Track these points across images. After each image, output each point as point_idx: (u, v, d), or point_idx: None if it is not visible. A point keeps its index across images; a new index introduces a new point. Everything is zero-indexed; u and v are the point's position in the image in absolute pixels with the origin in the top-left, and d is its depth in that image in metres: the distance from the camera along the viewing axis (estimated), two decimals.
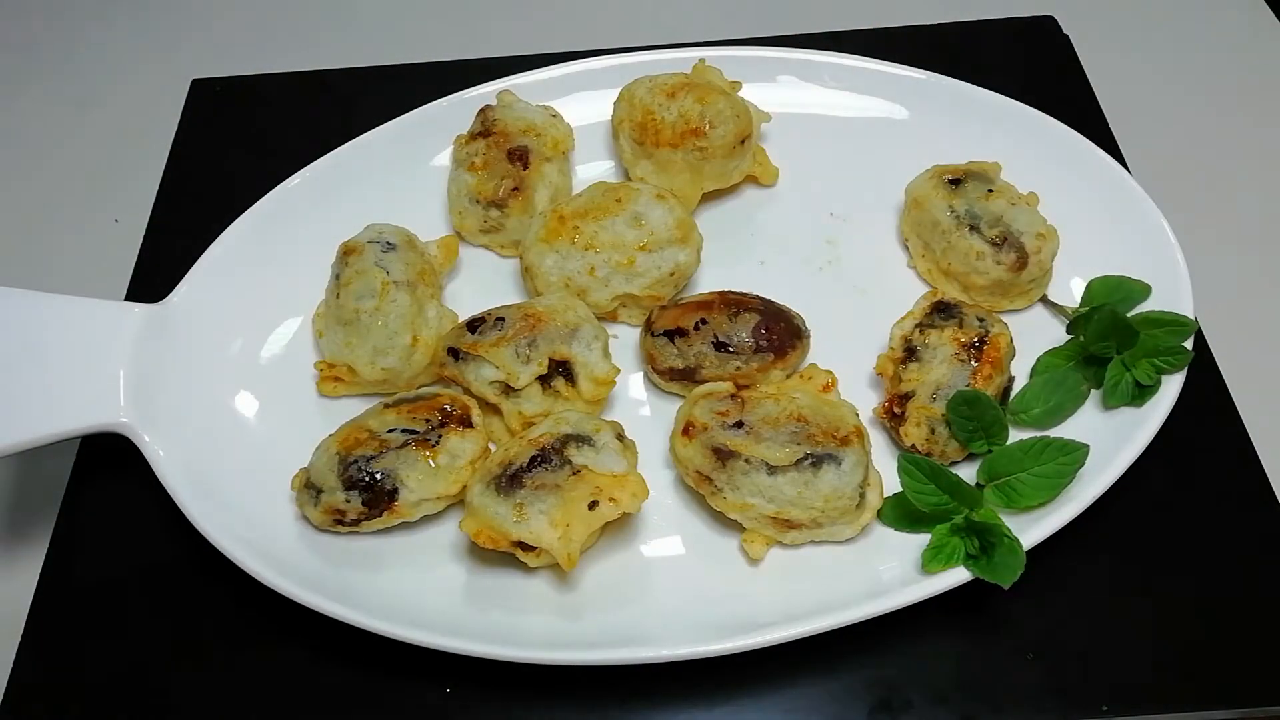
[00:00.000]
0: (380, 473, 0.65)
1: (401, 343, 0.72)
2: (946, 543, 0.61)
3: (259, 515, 0.67)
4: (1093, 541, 0.66)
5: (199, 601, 0.67)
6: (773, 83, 0.86)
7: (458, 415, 0.67)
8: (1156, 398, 0.66)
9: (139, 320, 0.72)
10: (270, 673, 0.64)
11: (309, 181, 0.81)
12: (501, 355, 0.69)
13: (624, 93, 0.82)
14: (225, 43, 1.09)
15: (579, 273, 0.74)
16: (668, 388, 0.73)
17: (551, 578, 0.65)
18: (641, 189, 0.76)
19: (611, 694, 0.62)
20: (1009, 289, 0.72)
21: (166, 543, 0.69)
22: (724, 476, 0.64)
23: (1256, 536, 0.66)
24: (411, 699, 0.63)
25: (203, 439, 0.69)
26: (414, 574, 0.66)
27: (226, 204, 0.80)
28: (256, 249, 0.78)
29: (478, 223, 0.81)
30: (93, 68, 1.07)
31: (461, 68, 0.94)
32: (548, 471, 0.63)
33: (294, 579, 0.62)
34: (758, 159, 0.83)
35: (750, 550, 0.65)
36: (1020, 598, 0.62)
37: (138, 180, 0.93)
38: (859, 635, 0.61)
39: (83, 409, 0.68)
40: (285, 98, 0.96)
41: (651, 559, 0.67)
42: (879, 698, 0.61)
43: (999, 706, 0.61)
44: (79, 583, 0.68)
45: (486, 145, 0.81)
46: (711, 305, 0.72)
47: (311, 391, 0.74)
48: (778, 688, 0.62)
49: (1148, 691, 0.61)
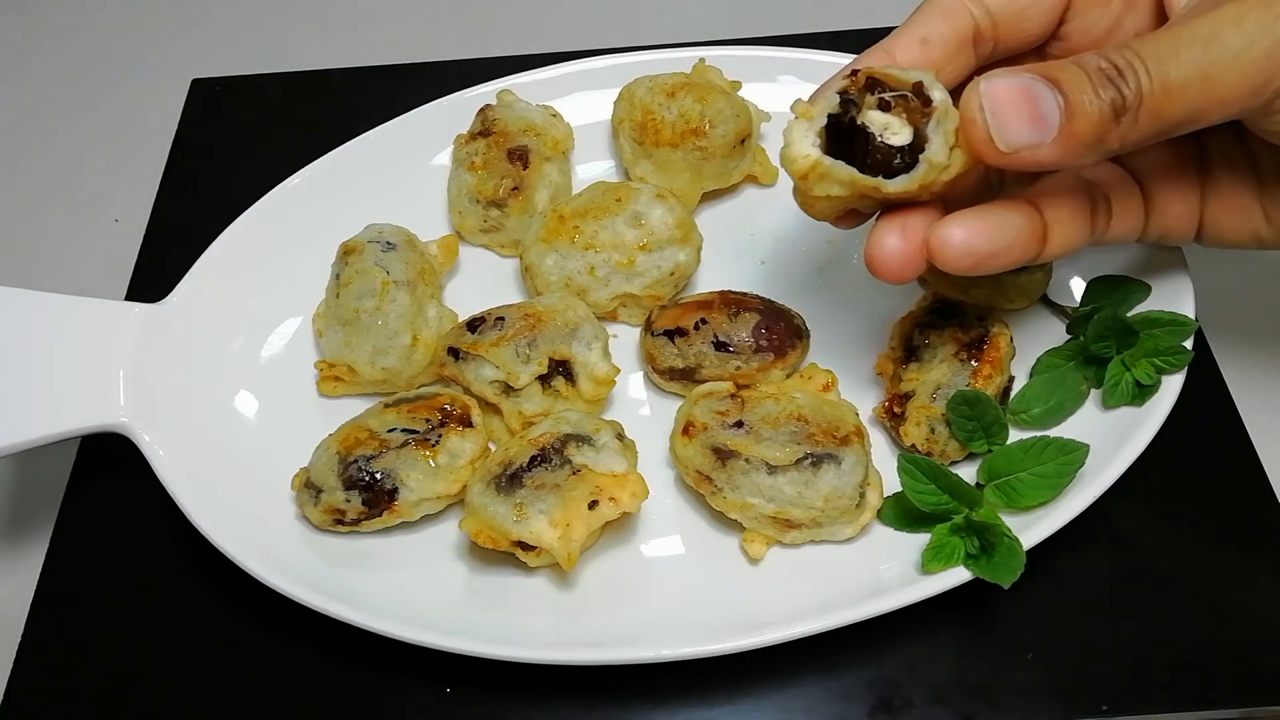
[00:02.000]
0: (380, 472, 0.65)
1: (401, 342, 0.72)
2: (946, 542, 0.61)
3: (259, 515, 0.67)
4: (1093, 541, 0.66)
5: (198, 601, 0.67)
6: (773, 82, 0.86)
7: (458, 415, 0.67)
8: (1156, 398, 0.66)
9: (139, 320, 0.72)
10: (270, 672, 0.64)
11: (309, 181, 0.81)
12: (501, 355, 0.69)
13: (624, 92, 0.82)
14: (225, 42, 1.09)
15: (579, 272, 0.74)
16: (668, 387, 0.73)
17: (551, 578, 0.65)
18: (641, 189, 0.76)
19: (611, 694, 0.62)
20: (1009, 288, 0.72)
21: (166, 542, 0.69)
22: (724, 476, 0.64)
23: (1257, 536, 0.66)
24: (411, 699, 0.63)
25: (203, 439, 0.69)
26: (414, 574, 0.66)
27: (227, 203, 0.80)
28: (256, 248, 0.78)
29: (478, 222, 0.81)
30: (92, 66, 1.07)
31: (461, 67, 0.95)
32: (548, 471, 0.63)
33: (294, 579, 0.62)
34: (758, 159, 0.83)
35: (750, 550, 0.65)
36: (1020, 597, 0.62)
37: (138, 179, 0.93)
38: (859, 634, 0.61)
39: (82, 409, 0.68)
40: (285, 97, 0.96)
41: (651, 559, 0.67)
42: (879, 697, 0.61)
43: (999, 706, 0.61)
44: (78, 582, 0.68)
45: (486, 145, 0.81)
46: (711, 305, 0.72)
47: (311, 391, 0.74)
48: (778, 687, 0.62)
49: (1148, 691, 0.61)
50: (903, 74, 0.55)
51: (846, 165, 0.54)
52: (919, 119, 0.54)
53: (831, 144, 0.55)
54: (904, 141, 0.54)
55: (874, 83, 0.55)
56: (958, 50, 0.61)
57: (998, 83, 0.52)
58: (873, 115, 0.54)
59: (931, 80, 0.54)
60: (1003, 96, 0.52)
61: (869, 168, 0.54)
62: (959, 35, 0.61)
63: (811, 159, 0.55)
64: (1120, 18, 0.63)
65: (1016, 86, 0.52)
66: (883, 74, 0.55)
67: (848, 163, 0.55)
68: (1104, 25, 0.63)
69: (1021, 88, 0.51)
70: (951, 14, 0.61)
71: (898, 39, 0.61)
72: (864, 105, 0.55)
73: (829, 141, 0.55)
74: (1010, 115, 0.51)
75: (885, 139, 0.54)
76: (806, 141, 0.55)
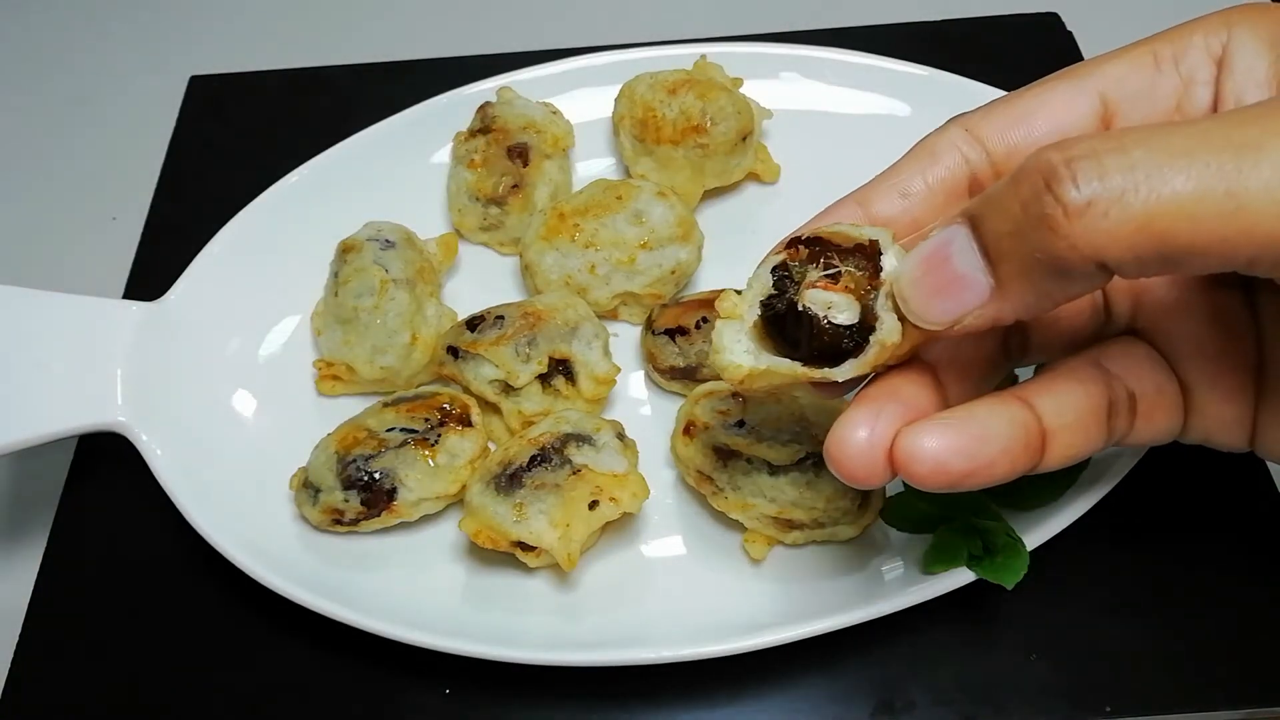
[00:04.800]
0: (379, 472, 0.64)
1: (400, 341, 0.71)
2: (949, 544, 0.61)
3: (257, 514, 0.67)
4: (1095, 541, 0.65)
5: (196, 601, 0.67)
6: (775, 79, 0.86)
7: (457, 414, 0.67)
8: None
9: (136, 318, 0.71)
10: (267, 673, 0.64)
11: (307, 179, 0.81)
12: (501, 354, 0.68)
13: (624, 89, 0.82)
14: (223, 39, 1.09)
15: (579, 270, 0.74)
16: (668, 386, 0.73)
17: (551, 578, 0.65)
18: (642, 186, 0.76)
19: (612, 694, 0.62)
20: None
21: (164, 542, 0.68)
22: (725, 476, 0.64)
23: (1259, 537, 0.66)
24: (411, 699, 0.62)
25: (200, 438, 0.69)
26: (413, 574, 0.66)
27: (225, 201, 0.79)
28: (255, 246, 0.77)
29: (477, 220, 0.80)
30: (89, 63, 1.07)
31: (461, 64, 0.94)
32: (548, 471, 0.63)
33: (292, 579, 0.62)
34: (759, 156, 0.82)
35: (751, 550, 0.65)
36: (1023, 598, 0.62)
37: (135, 177, 0.92)
38: (861, 635, 0.60)
39: (79, 408, 0.67)
40: (284, 94, 0.96)
41: (652, 559, 0.66)
42: (881, 698, 0.61)
43: (1002, 707, 0.60)
44: (75, 582, 0.68)
45: (486, 142, 0.80)
46: (712, 303, 0.71)
47: (310, 390, 0.74)
48: (779, 688, 0.62)
49: (1151, 692, 0.61)
50: (853, 231, 0.46)
51: (788, 361, 0.47)
52: (866, 293, 0.45)
53: (770, 326, 0.47)
54: (852, 320, 0.45)
55: (820, 245, 0.47)
56: (946, 203, 0.50)
57: (909, 255, 0.43)
58: (813, 295, 0.46)
59: (887, 240, 0.45)
60: (912, 272, 0.43)
61: (815, 354, 0.46)
62: (948, 186, 0.50)
63: (745, 369, 0.47)
64: None
65: (925, 255, 0.42)
66: (829, 233, 0.46)
67: (792, 345, 0.47)
68: None
69: (929, 255, 0.42)
70: (940, 160, 0.50)
71: (875, 188, 0.51)
72: (805, 280, 0.46)
73: (767, 324, 0.48)
74: (925, 290, 0.42)
75: (830, 319, 0.45)
76: (739, 348, 0.48)
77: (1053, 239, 0.37)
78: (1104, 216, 0.36)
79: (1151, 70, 0.48)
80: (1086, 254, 0.37)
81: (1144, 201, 0.36)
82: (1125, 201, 0.36)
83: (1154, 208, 0.36)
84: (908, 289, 0.43)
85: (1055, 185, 0.37)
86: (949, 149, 0.50)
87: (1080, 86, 0.49)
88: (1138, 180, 0.36)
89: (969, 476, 0.45)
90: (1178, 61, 0.48)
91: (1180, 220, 0.36)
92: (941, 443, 0.44)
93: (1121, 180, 0.36)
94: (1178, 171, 0.36)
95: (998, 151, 0.49)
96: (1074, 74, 0.49)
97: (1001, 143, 0.49)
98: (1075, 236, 0.37)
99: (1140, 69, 0.48)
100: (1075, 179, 0.36)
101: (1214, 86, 0.47)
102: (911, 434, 0.45)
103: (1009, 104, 0.50)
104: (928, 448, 0.44)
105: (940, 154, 0.50)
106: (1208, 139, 0.36)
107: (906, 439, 0.45)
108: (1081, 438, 0.48)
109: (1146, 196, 0.36)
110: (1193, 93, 0.47)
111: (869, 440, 0.45)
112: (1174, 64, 0.48)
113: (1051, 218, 0.37)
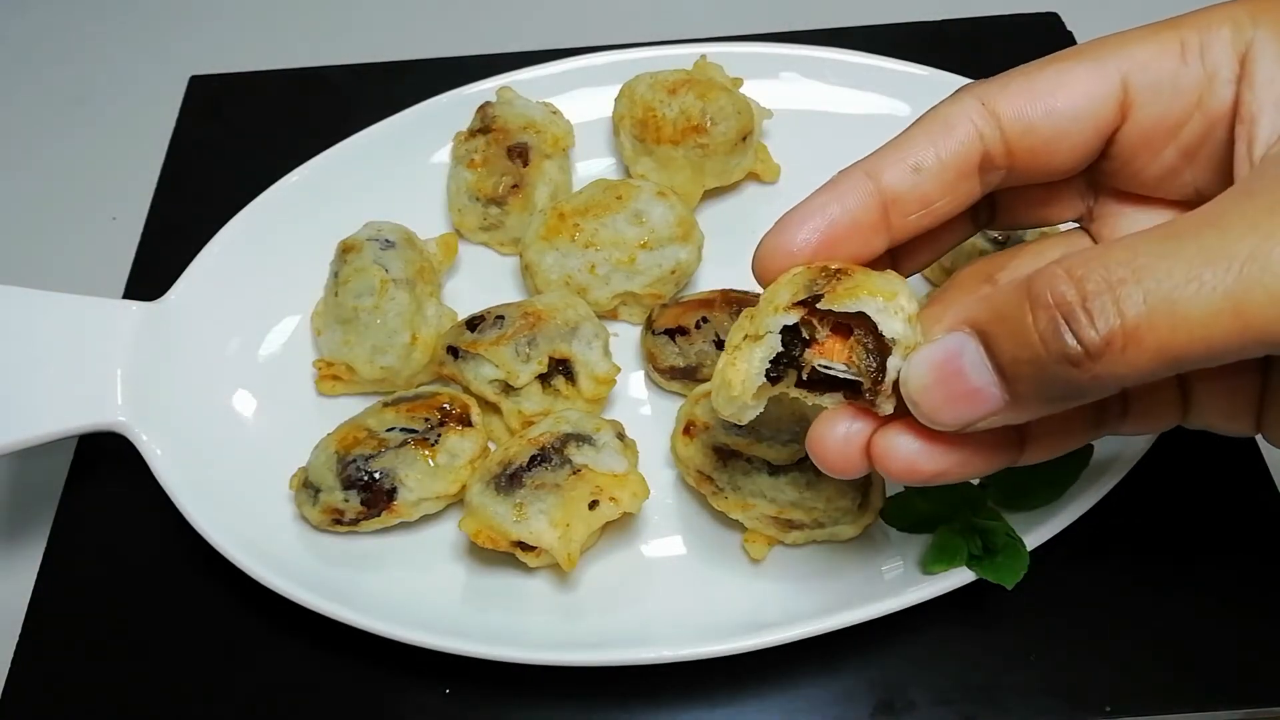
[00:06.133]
0: (379, 472, 0.64)
1: (400, 341, 0.71)
2: (949, 543, 0.61)
3: (257, 514, 0.67)
4: (1095, 541, 0.65)
5: (196, 601, 0.66)
6: (775, 79, 0.86)
7: (457, 414, 0.67)
8: None
9: (136, 318, 0.71)
10: (268, 673, 0.64)
11: (307, 178, 0.81)
12: (501, 354, 0.68)
13: (625, 89, 0.82)
14: (223, 39, 1.09)
15: (579, 270, 0.74)
16: (668, 386, 0.73)
17: (551, 578, 0.65)
18: (642, 186, 0.76)
19: (612, 694, 0.62)
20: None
21: (164, 542, 0.68)
22: (725, 476, 0.64)
23: (1258, 536, 0.66)
24: (411, 699, 0.62)
25: (200, 438, 0.69)
26: (413, 574, 0.65)
27: (225, 201, 0.79)
28: (255, 246, 0.77)
29: (477, 220, 0.80)
30: (90, 63, 1.07)
31: (461, 64, 0.94)
32: (548, 471, 0.63)
33: (292, 579, 0.62)
34: (759, 156, 0.82)
35: (752, 550, 0.65)
36: (1023, 598, 0.62)
37: (135, 177, 0.92)
38: (861, 635, 0.60)
39: (79, 407, 0.67)
40: (284, 94, 0.96)
41: (652, 559, 0.66)
42: (881, 698, 0.61)
43: (1002, 707, 0.60)
44: (76, 582, 0.68)
45: (486, 142, 0.80)
46: (713, 303, 0.72)
47: (310, 390, 0.74)
48: (780, 688, 0.62)
49: (1150, 692, 0.61)
50: (855, 303, 0.46)
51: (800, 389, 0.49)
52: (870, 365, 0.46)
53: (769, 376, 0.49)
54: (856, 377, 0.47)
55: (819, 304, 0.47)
56: (957, 181, 0.49)
57: (916, 359, 0.44)
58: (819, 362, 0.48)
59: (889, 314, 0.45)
60: (922, 379, 0.44)
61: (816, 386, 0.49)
62: (959, 161, 0.49)
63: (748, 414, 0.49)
64: (1176, 170, 0.50)
65: (935, 364, 0.43)
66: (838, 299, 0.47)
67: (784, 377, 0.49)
68: (1152, 172, 0.50)
69: (940, 365, 0.43)
70: (953, 131, 0.49)
71: (885, 158, 0.50)
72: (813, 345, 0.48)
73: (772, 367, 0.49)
74: (937, 398, 0.44)
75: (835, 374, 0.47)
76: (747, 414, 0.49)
77: (1074, 373, 0.39)
78: (1123, 352, 0.38)
79: (1176, 59, 0.47)
80: (1108, 384, 0.40)
81: (1159, 338, 0.38)
82: (1140, 337, 0.38)
83: (1167, 340, 0.38)
84: (917, 395, 0.44)
85: (1074, 323, 0.39)
86: (962, 120, 0.49)
87: (1102, 67, 0.48)
88: (1153, 317, 0.38)
89: (940, 476, 0.47)
90: (1204, 52, 0.47)
91: (1194, 343, 0.38)
92: (916, 444, 0.46)
93: (1136, 317, 0.38)
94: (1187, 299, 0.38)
95: (1013, 128, 0.49)
96: (1097, 52, 0.48)
97: (1018, 119, 0.48)
98: (1096, 370, 0.39)
99: (1166, 56, 0.47)
100: (1093, 318, 0.39)
101: (1235, 87, 0.46)
102: (890, 431, 0.47)
103: (1028, 78, 0.49)
104: (902, 446, 0.46)
105: (954, 124, 0.49)
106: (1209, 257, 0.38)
107: (884, 436, 0.47)
108: (1064, 438, 0.50)
109: (1161, 331, 0.38)
110: (1215, 90, 0.47)
111: (845, 437, 0.48)
112: (1199, 55, 0.47)
113: (1072, 356, 0.39)
